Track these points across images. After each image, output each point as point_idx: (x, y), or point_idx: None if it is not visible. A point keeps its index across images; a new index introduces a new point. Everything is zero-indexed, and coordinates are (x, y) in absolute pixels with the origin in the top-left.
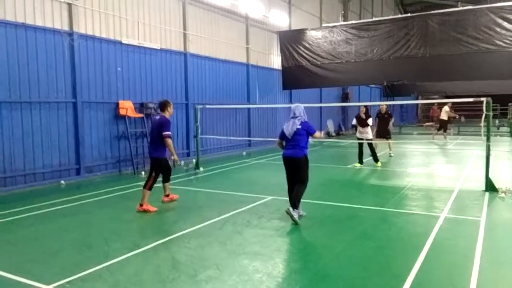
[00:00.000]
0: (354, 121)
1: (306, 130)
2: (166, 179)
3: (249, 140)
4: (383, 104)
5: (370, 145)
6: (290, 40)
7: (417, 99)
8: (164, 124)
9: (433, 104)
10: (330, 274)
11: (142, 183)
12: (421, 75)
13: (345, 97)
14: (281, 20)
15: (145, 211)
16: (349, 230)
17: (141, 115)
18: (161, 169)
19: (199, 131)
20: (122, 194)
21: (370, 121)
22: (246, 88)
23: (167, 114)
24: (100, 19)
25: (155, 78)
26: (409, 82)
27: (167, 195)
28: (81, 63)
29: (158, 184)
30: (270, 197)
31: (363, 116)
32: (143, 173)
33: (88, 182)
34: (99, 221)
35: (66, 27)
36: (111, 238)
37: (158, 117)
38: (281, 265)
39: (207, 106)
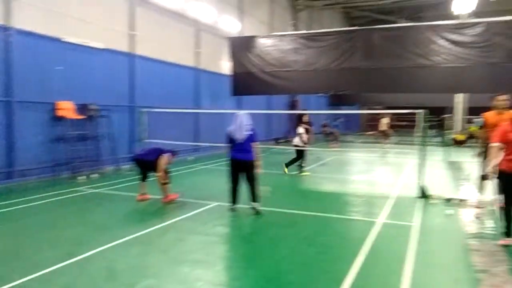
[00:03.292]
0: (301, 130)
1: (253, 137)
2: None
3: (197, 145)
4: (306, 112)
5: (302, 152)
6: (241, 47)
7: (360, 109)
8: (166, 151)
9: (378, 114)
10: (271, 280)
11: (81, 188)
12: (364, 86)
13: (293, 105)
14: (232, 26)
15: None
16: (291, 236)
17: (82, 116)
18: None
19: (145, 135)
20: (57, 200)
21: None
22: (194, 92)
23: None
24: (40, 15)
25: (98, 79)
26: (353, 93)
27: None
28: (17, 60)
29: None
30: (215, 203)
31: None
32: (83, 177)
33: (21, 187)
34: (30, 229)
35: (1, 21)
36: (43, 247)
37: None
38: (223, 272)
39: (153, 110)
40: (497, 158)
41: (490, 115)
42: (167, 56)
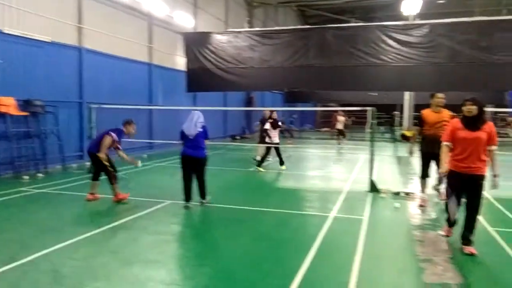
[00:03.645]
0: (268, 126)
1: (205, 134)
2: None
3: (151, 143)
4: (267, 110)
5: (277, 149)
6: (195, 42)
7: (315, 106)
8: (116, 129)
9: (335, 111)
10: (225, 277)
11: (25, 188)
12: (318, 83)
13: (249, 101)
14: (186, 21)
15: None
16: (246, 232)
17: (26, 113)
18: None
19: (95, 132)
20: None
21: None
22: (148, 88)
23: (125, 129)
24: None
25: (43, 74)
26: (308, 90)
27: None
28: None
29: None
30: (169, 202)
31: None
32: (27, 177)
33: None
34: None
35: None
36: None
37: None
38: (176, 271)
39: (103, 106)
40: (446, 157)
41: (427, 113)
42: (118, 50)
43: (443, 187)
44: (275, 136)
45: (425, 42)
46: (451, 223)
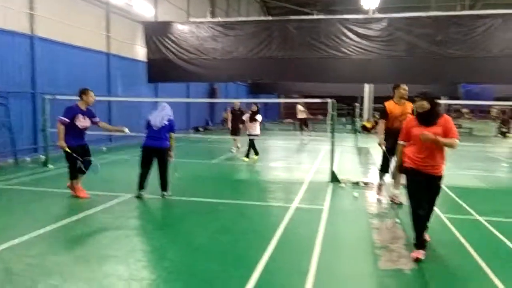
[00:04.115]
0: (245, 117)
1: (170, 128)
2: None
3: (110, 135)
4: (237, 101)
5: (252, 140)
6: (156, 32)
7: (279, 97)
8: (64, 110)
9: (296, 103)
10: (184, 270)
11: None
12: (281, 75)
13: (212, 93)
14: (146, 10)
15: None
16: (207, 225)
17: None
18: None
19: (49, 124)
20: None
21: (258, 117)
22: (106, 79)
23: (81, 103)
24: None
25: None
26: (271, 81)
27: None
28: None
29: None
30: (130, 195)
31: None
32: None
33: None
34: None
35: None
36: None
37: None
38: (135, 266)
39: (58, 97)
40: (403, 156)
41: (391, 105)
42: (73, 39)
43: (397, 192)
44: (252, 127)
45: (384, 36)
46: (420, 241)
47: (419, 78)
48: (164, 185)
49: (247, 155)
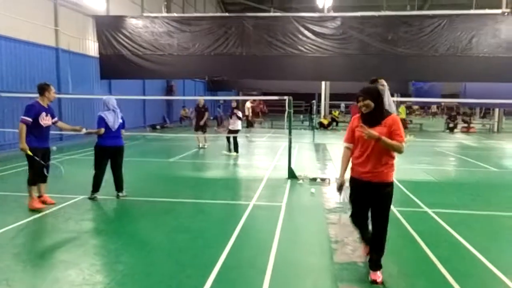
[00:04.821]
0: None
1: (123, 125)
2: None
3: (61, 134)
4: (201, 98)
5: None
6: (109, 27)
7: (238, 94)
8: (25, 108)
9: (247, 100)
10: (140, 272)
11: None
12: (239, 72)
13: (169, 90)
14: (98, 3)
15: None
16: (164, 225)
17: None
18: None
19: None
20: None
21: (239, 112)
22: (56, 75)
23: (42, 100)
24: None
25: None
26: (229, 79)
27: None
28: None
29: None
30: (82, 197)
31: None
32: None
33: None
34: None
35: None
36: None
37: None
38: (87, 270)
39: (2, 95)
40: (346, 162)
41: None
42: (18, 32)
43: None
44: (232, 123)
45: (338, 34)
46: (365, 241)
47: (371, 76)
48: (119, 186)
49: (229, 149)
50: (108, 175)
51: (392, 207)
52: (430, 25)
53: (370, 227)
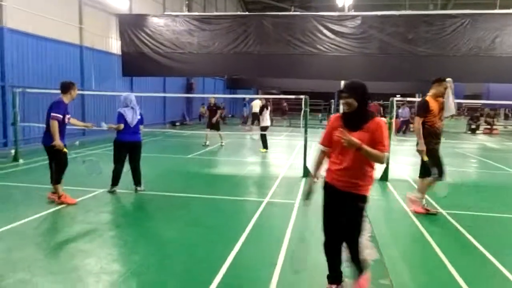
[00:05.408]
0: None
1: (142, 120)
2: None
3: (83, 129)
4: (212, 96)
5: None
6: (131, 25)
7: (257, 93)
8: (53, 105)
9: (260, 98)
10: (156, 263)
11: None
12: (257, 70)
13: (189, 87)
14: (121, 2)
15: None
16: (180, 219)
17: None
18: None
19: (19, 118)
20: None
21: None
22: (80, 72)
23: (66, 98)
24: None
25: None
26: (248, 77)
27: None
28: None
29: None
30: (101, 190)
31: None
32: None
33: None
34: None
35: None
36: None
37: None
38: (105, 259)
39: (28, 90)
40: (320, 165)
41: (432, 100)
42: (45, 31)
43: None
44: (262, 120)
45: (357, 33)
46: (332, 277)
47: (391, 76)
48: (137, 180)
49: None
50: (127, 170)
51: (404, 206)
52: (452, 25)
53: (344, 255)
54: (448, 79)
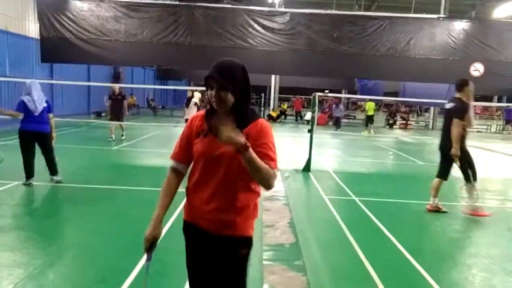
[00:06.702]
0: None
1: (49, 109)
2: None
3: None
4: (116, 86)
5: None
6: (51, 8)
7: (189, 84)
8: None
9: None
10: (73, 256)
11: None
12: (188, 62)
13: (116, 77)
14: None
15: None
16: (103, 211)
17: None
18: None
19: None
20: None
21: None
22: None
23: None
24: None
25: None
26: (178, 68)
27: None
28: None
29: None
30: (16, 183)
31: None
32: None
33: None
34: None
35: None
36: None
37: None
38: (19, 253)
39: None
40: (168, 195)
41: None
42: None
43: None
44: (187, 113)
45: (286, 29)
46: None
47: (318, 72)
48: (52, 169)
49: None
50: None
51: (322, 194)
52: (373, 26)
53: None
54: (470, 82)
